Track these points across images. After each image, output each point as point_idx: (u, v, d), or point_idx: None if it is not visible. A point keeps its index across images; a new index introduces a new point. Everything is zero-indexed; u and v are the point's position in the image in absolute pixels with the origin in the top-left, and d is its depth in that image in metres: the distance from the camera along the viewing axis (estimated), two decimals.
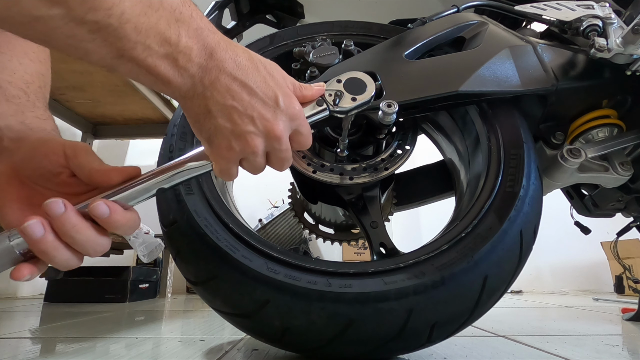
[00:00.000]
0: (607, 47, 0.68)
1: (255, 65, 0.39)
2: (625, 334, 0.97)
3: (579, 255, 2.86)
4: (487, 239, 0.58)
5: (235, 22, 0.89)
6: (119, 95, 2.07)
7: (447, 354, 0.69)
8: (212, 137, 0.39)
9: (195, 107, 0.38)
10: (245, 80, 0.38)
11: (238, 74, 0.38)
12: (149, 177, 0.41)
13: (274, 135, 0.40)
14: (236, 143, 0.39)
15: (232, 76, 0.37)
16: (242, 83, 0.38)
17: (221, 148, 0.39)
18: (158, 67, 0.34)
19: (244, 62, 0.38)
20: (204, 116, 0.38)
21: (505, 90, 0.68)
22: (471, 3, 0.83)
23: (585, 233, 1.09)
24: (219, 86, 0.37)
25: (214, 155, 0.41)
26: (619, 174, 0.73)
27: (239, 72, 0.38)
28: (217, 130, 0.38)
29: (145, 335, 0.91)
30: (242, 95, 0.38)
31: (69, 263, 0.36)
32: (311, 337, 0.56)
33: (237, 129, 0.38)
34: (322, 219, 0.89)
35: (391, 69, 0.68)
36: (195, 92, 0.37)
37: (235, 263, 0.58)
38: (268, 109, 0.39)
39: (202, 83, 0.36)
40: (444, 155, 0.92)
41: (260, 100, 0.39)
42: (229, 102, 0.37)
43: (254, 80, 0.39)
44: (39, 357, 0.69)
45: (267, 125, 0.39)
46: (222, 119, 0.38)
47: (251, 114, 0.38)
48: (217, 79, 0.37)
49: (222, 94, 0.37)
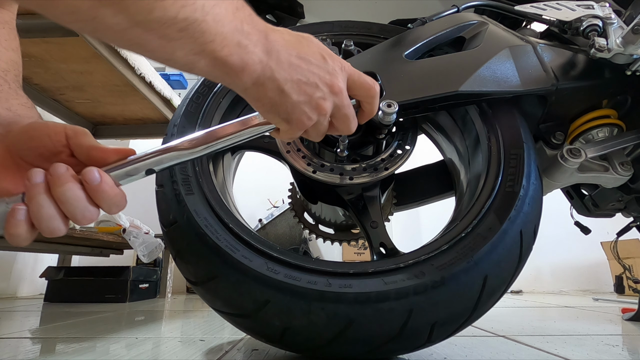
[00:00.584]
0: (607, 47, 0.68)
1: (296, 37, 0.42)
2: (625, 334, 0.97)
3: (579, 255, 2.86)
4: (487, 239, 0.58)
5: None
6: (119, 95, 2.07)
7: (447, 354, 0.69)
8: (290, 115, 0.41)
9: (269, 92, 0.39)
10: (299, 52, 0.40)
11: (291, 48, 0.40)
12: (143, 158, 0.41)
13: (337, 90, 0.43)
14: (313, 112, 0.41)
15: (287, 52, 0.40)
16: (297, 55, 0.40)
17: (301, 122, 0.42)
18: (232, 57, 0.36)
19: (289, 37, 0.41)
20: (279, 97, 0.40)
21: (505, 90, 0.68)
22: (471, 3, 0.83)
23: (585, 233, 1.09)
24: (283, 64, 0.39)
25: (292, 132, 0.43)
26: (619, 174, 0.73)
27: (291, 46, 0.40)
28: (295, 106, 0.40)
29: (145, 335, 0.91)
30: (302, 66, 0.40)
31: (53, 222, 0.35)
32: (311, 337, 0.56)
33: (310, 100, 0.41)
34: (322, 219, 0.89)
35: (391, 69, 0.68)
36: (265, 75, 0.38)
37: (235, 263, 0.58)
38: (322, 70, 0.42)
39: (269, 65, 0.38)
40: (444, 155, 0.92)
41: (315, 65, 0.41)
42: (295, 76, 0.40)
43: (303, 50, 0.41)
44: (39, 357, 0.69)
45: (328, 84, 0.42)
46: (295, 94, 0.40)
47: (314, 80, 0.41)
48: (279, 57, 0.39)
49: (288, 71, 0.39)
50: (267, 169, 2.72)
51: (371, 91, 0.47)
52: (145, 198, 2.75)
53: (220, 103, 0.76)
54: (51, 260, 2.36)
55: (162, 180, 0.68)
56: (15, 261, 2.25)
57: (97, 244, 1.99)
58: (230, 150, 0.84)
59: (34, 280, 2.32)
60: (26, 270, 2.31)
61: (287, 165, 0.73)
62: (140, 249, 1.88)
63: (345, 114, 0.45)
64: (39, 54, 1.66)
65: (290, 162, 0.70)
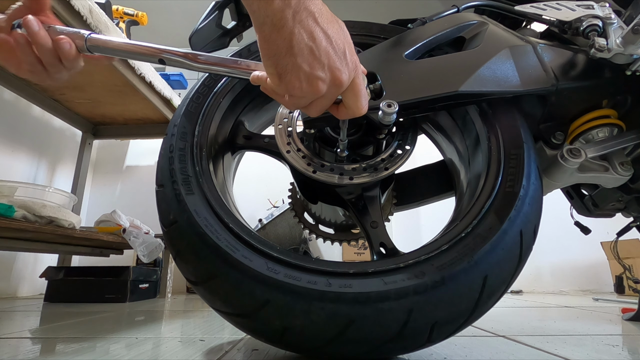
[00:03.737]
0: (607, 47, 0.68)
1: (333, 17, 0.44)
2: (625, 334, 0.97)
3: (579, 255, 2.86)
4: (487, 239, 0.58)
5: (235, 22, 0.89)
6: (119, 95, 2.07)
7: (447, 354, 0.69)
8: (285, 74, 0.42)
9: (280, 40, 0.40)
10: (326, 28, 0.42)
11: (320, 20, 0.41)
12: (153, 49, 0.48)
13: (339, 84, 0.44)
14: (306, 85, 0.42)
15: (315, 21, 0.41)
16: (322, 29, 0.42)
17: (292, 86, 0.43)
18: None
19: (325, 12, 0.42)
20: (286, 51, 0.41)
21: (505, 90, 0.68)
22: (471, 3, 0.83)
23: (585, 233, 1.09)
24: (305, 26, 0.40)
25: (279, 89, 0.44)
26: (619, 174, 0.73)
27: (322, 18, 0.42)
28: (293, 68, 0.41)
29: (145, 335, 0.91)
30: (321, 40, 0.41)
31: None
32: (311, 337, 0.56)
33: (311, 71, 0.42)
34: (322, 219, 0.89)
35: (391, 69, 0.68)
36: (285, 22, 0.40)
37: (235, 263, 0.58)
38: (338, 59, 0.43)
39: (293, 17, 0.40)
40: (444, 155, 0.92)
41: (333, 49, 0.42)
42: (309, 43, 0.41)
43: (332, 29, 0.42)
44: (39, 357, 0.69)
45: (334, 73, 0.43)
46: (300, 58, 0.41)
47: (324, 60, 0.42)
48: (305, 19, 0.40)
49: (306, 34, 0.41)
50: (267, 169, 2.72)
51: (356, 110, 0.48)
52: (145, 198, 2.76)
53: (220, 103, 0.76)
54: (51, 260, 2.36)
55: (163, 180, 0.68)
56: (15, 261, 2.25)
57: (97, 244, 1.99)
58: (231, 150, 0.84)
59: (34, 280, 2.32)
60: (26, 270, 2.31)
61: (287, 165, 0.73)
62: (140, 249, 1.87)
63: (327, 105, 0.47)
64: None
65: (290, 162, 0.70)
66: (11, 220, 1.35)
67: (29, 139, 2.38)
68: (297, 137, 0.72)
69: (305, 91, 0.43)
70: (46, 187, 1.67)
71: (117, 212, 1.97)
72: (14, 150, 2.26)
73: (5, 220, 1.32)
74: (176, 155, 0.68)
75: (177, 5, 2.61)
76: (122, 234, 1.89)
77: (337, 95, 0.46)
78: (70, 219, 1.62)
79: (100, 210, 2.21)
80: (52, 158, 2.58)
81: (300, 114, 0.70)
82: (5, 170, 2.18)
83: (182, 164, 0.68)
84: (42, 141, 2.49)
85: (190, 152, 0.69)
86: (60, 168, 2.66)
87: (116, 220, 1.94)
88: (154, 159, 3.17)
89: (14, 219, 1.38)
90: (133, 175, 3.19)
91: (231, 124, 0.82)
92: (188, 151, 0.69)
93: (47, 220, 1.52)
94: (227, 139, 0.81)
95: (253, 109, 0.87)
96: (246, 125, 0.85)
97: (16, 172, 2.28)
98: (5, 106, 2.21)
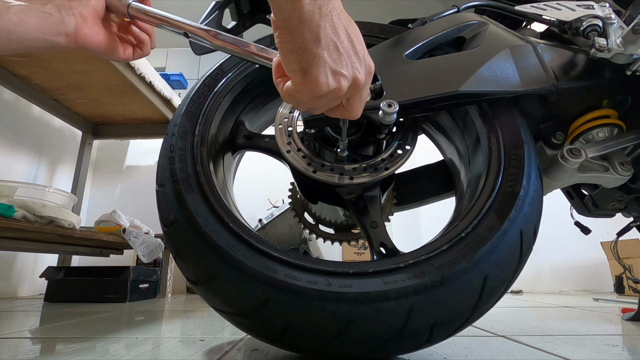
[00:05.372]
0: (607, 47, 0.68)
1: (352, 21, 0.44)
2: (625, 334, 0.97)
3: (579, 255, 2.86)
4: (487, 239, 0.58)
5: (235, 22, 0.89)
6: (119, 95, 2.07)
7: (447, 354, 0.69)
8: (311, 68, 0.41)
9: (307, 32, 0.40)
10: (348, 27, 0.43)
11: (344, 20, 0.42)
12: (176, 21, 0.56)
13: (357, 84, 0.44)
14: (331, 80, 0.42)
15: (340, 19, 0.42)
16: (345, 29, 0.42)
17: (316, 81, 0.41)
18: None
19: (345, 15, 0.43)
20: (313, 43, 0.40)
21: (505, 90, 0.68)
22: (471, 3, 0.83)
23: (585, 233, 1.09)
24: (331, 22, 0.41)
25: (302, 86, 0.42)
26: (619, 174, 0.73)
27: (345, 19, 0.43)
28: (320, 61, 0.41)
29: (145, 335, 0.91)
30: (344, 39, 0.42)
31: None
32: (311, 336, 0.56)
33: (335, 67, 0.42)
34: (322, 219, 0.89)
35: (391, 69, 0.68)
36: (312, 16, 0.39)
37: (235, 262, 0.58)
38: (357, 59, 0.43)
39: (320, 11, 0.40)
40: (444, 155, 0.92)
41: (354, 49, 0.43)
42: (335, 38, 0.41)
43: (353, 30, 0.43)
44: (39, 357, 0.69)
45: (355, 73, 0.43)
46: (327, 51, 0.41)
47: (347, 59, 0.42)
48: (330, 15, 0.41)
49: (331, 29, 0.41)
50: (267, 168, 2.72)
51: (354, 113, 0.48)
52: (145, 198, 2.75)
53: (220, 103, 0.76)
54: (51, 260, 2.36)
55: (163, 179, 0.68)
56: (15, 261, 2.25)
57: (97, 244, 1.99)
58: (231, 150, 0.84)
59: (34, 280, 2.32)
60: (26, 270, 2.31)
61: (287, 165, 0.73)
62: (140, 249, 1.87)
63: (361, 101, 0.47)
64: (39, 54, 1.66)
65: (290, 161, 0.70)
66: (11, 220, 1.35)
67: (29, 139, 2.38)
68: (297, 137, 0.72)
69: (330, 87, 0.42)
70: (46, 187, 1.67)
71: (117, 212, 1.97)
72: (14, 150, 2.26)
73: (5, 220, 1.32)
74: (176, 155, 0.68)
75: (177, 5, 2.62)
76: (122, 234, 1.89)
77: (350, 96, 0.46)
78: (70, 219, 1.62)
79: (100, 210, 2.21)
80: (52, 158, 2.58)
81: (300, 114, 0.70)
82: (5, 170, 2.18)
83: (182, 163, 0.68)
84: (42, 141, 2.49)
85: (190, 152, 0.69)
86: (60, 168, 2.66)
87: (116, 220, 1.93)
88: (154, 159, 3.18)
89: (14, 219, 1.38)
90: (133, 175, 3.19)
91: (231, 124, 0.82)
92: (188, 151, 0.69)
93: (47, 220, 1.52)
94: (227, 139, 0.81)
95: (253, 109, 0.87)
96: (246, 125, 0.85)
97: (16, 172, 2.28)
98: (5, 106, 2.21)
